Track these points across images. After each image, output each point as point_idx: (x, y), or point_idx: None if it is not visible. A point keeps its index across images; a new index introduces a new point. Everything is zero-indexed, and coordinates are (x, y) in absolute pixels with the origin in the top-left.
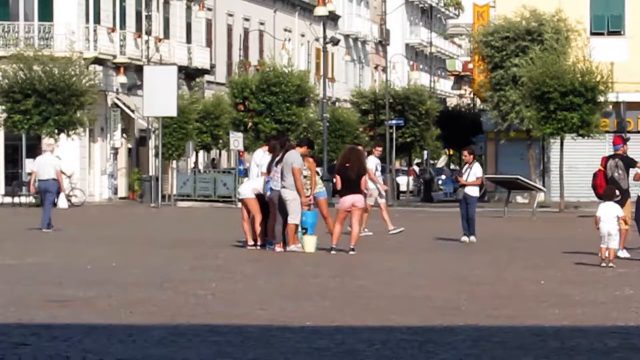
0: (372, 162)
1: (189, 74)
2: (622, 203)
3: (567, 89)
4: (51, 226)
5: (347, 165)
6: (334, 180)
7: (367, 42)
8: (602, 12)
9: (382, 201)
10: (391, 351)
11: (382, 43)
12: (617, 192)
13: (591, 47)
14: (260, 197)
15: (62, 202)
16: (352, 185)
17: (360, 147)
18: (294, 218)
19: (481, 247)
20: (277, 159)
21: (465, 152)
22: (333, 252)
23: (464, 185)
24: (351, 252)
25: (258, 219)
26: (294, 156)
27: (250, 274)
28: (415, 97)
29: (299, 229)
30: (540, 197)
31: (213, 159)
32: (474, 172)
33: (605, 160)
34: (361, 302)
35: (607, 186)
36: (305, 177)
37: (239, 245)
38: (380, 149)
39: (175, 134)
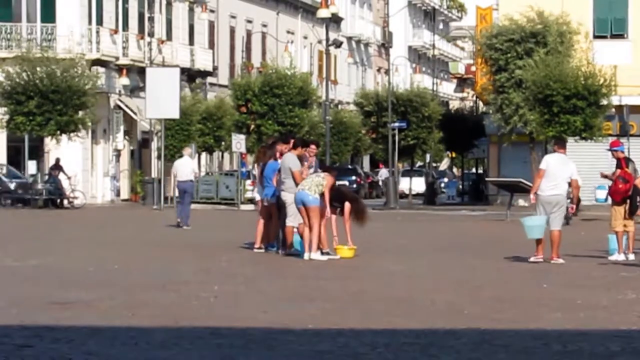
0: None
1: (191, 76)
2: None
3: (570, 92)
4: (188, 224)
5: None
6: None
7: (369, 44)
8: (605, 15)
9: None
10: (394, 354)
11: (385, 45)
12: None
13: (594, 50)
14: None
15: None
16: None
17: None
18: (291, 220)
19: (483, 251)
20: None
21: None
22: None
23: None
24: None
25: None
26: (290, 159)
27: (253, 276)
28: (417, 100)
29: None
30: None
31: (242, 162)
32: None
33: (625, 162)
34: (363, 305)
35: None
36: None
37: (242, 248)
38: None
39: (178, 136)
